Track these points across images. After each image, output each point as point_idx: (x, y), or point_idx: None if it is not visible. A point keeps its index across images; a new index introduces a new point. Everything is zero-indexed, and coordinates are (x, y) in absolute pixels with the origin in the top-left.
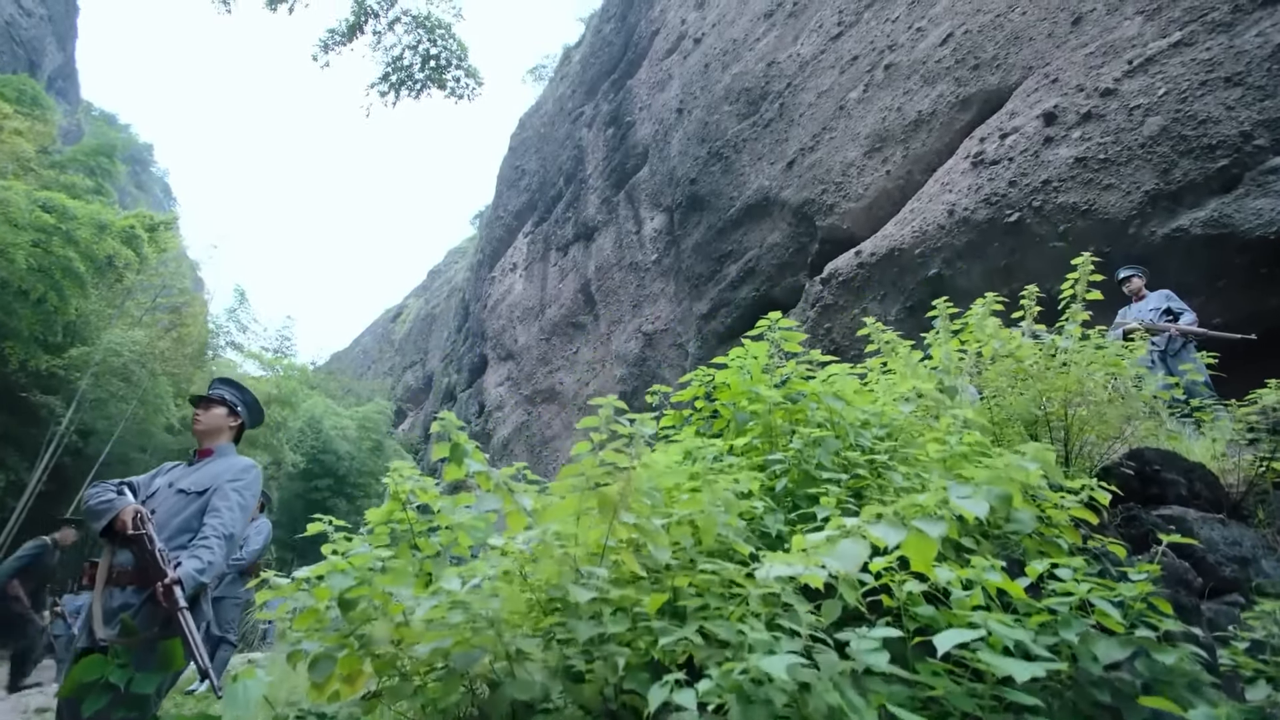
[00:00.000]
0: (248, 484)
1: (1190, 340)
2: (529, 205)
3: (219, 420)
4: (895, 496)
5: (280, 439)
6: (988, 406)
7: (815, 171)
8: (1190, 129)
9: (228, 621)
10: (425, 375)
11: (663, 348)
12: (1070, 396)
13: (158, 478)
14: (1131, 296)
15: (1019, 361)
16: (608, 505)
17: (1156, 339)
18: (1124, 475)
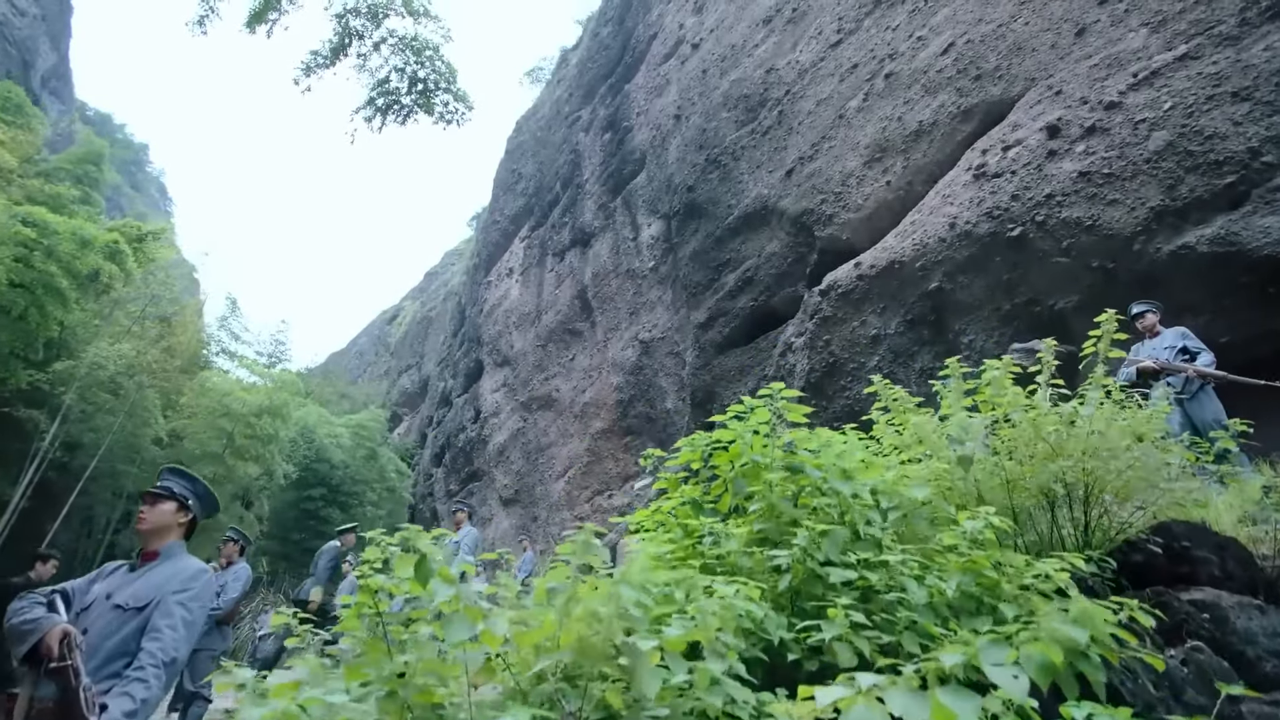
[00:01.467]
0: (195, 594)
1: (1208, 382)
2: (525, 209)
3: (166, 517)
4: (910, 611)
5: (272, 451)
6: (1001, 468)
7: (814, 181)
8: (1196, 144)
9: (202, 676)
10: (421, 379)
11: (660, 356)
12: (1092, 468)
13: (96, 583)
14: (1145, 333)
15: (1037, 431)
16: (589, 651)
17: (1173, 380)
18: (1150, 551)
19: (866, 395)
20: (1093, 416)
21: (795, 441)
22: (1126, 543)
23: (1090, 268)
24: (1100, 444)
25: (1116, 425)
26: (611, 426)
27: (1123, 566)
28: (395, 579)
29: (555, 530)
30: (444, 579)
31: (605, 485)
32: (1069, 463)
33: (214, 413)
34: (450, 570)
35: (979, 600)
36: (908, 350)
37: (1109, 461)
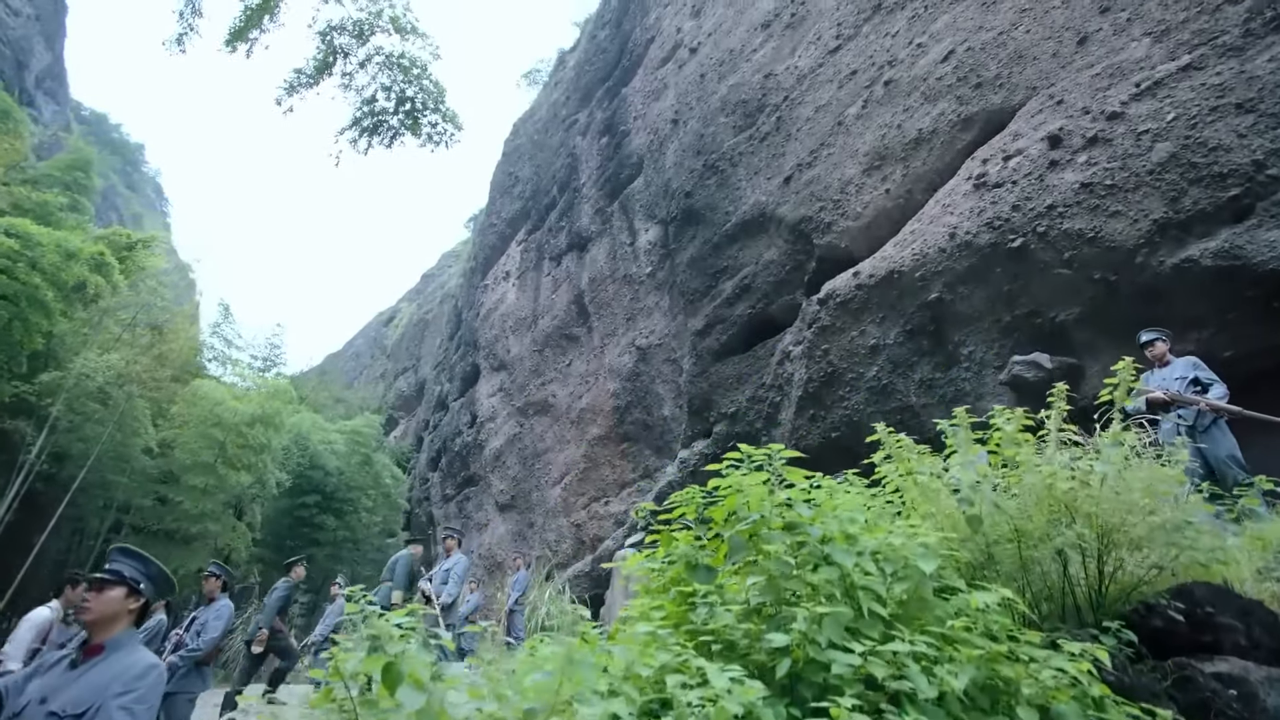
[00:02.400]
0: (141, 696)
1: (1221, 416)
2: (522, 213)
3: (114, 605)
4: (919, 714)
5: (264, 459)
6: (1012, 526)
7: (813, 188)
8: (1200, 156)
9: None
10: (418, 382)
11: (656, 363)
12: (1108, 524)
13: (33, 680)
14: (1154, 362)
15: (1051, 491)
16: None
17: (1183, 412)
18: (1170, 618)
19: (865, 405)
20: (1110, 475)
21: (794, 498)
22: (1145, 605)
23: (1092, 280)
24: (1118, 503)
25: (1135, 479)
26: (608, 433)
27: (1141, 632)
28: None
29: (551, 537)
30: (415, 684)
31: (602, 492)
32: (1084, 529)
33: (205, 422)
34: (422, 669)
35: (993, 695)
36: (907, 361)
37: (1126, 517)
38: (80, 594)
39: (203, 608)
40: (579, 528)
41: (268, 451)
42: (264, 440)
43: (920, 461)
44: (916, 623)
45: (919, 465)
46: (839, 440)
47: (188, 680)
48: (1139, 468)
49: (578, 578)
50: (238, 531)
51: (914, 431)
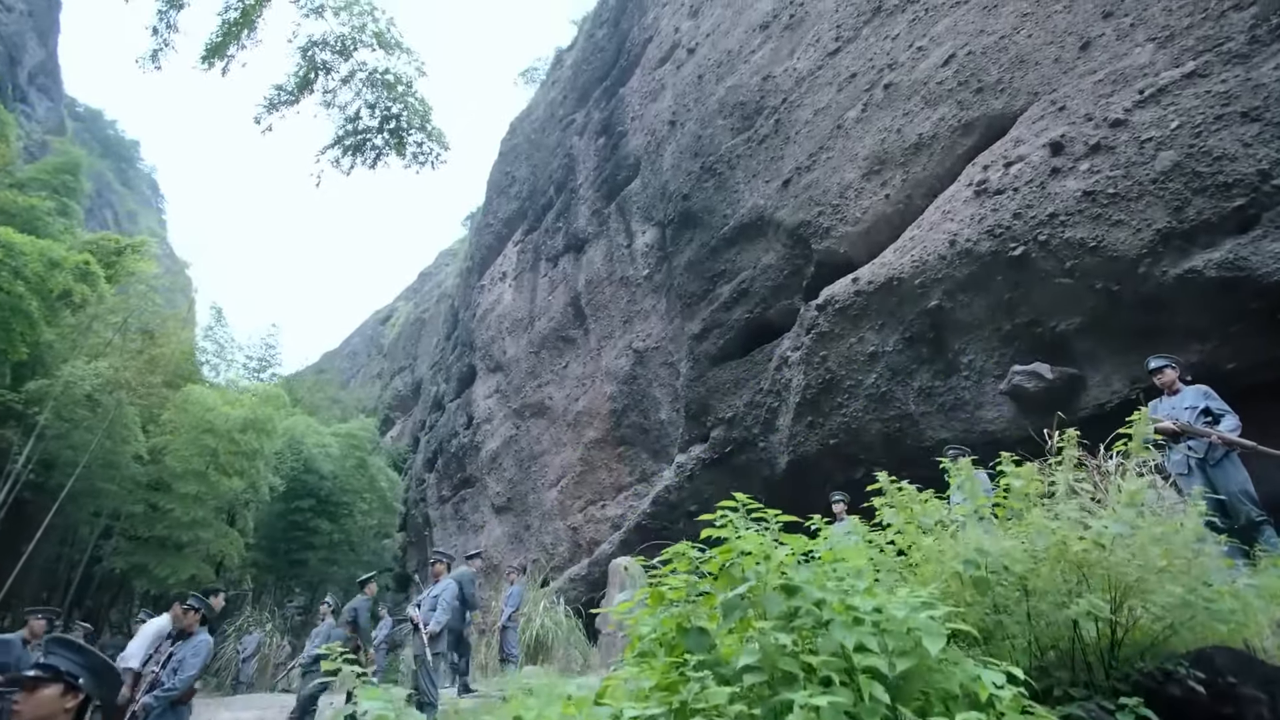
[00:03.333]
0: None
1: (1233, 449)
2: (519, 213)
3: (48, 706)
4: None
5: (257, 465)
6: (1022, 586)
7: (811, 192)
8: (1204, 165)
9: None
10: (414, 381)
11: (654, 366)
12: (1122, 583)
13: None
14: (1163, 389)
15: (1063, 553)
16: None
17: (1194, 444)
18: (1189, 687)
19: (864, 413)
20: (1125, 535)
21: (789, 561)
22: (1163, 672)
23: (1094, 289)
24: (1133, 565)
25: (1150, 539)
26: (605, 436)
27: (1158, 700)
28: None
29: (548, 540)
30: None
31: (598, 495)
32: (1098, 598)
33: (197, 428)
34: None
35: None
36: (906, 368)
37: (1143, 577)
38: (22, 696)
39: (180, 643)
40: (575, 531)
41: (260, 457)
42: (256, 446)
43: (924, 509)
44: (916, 703)
45: (922, 514)
46: (837, 447)
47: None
48: (1154, 523)
49: (574, 581)
50: (230, 538)
51: (912, 439)
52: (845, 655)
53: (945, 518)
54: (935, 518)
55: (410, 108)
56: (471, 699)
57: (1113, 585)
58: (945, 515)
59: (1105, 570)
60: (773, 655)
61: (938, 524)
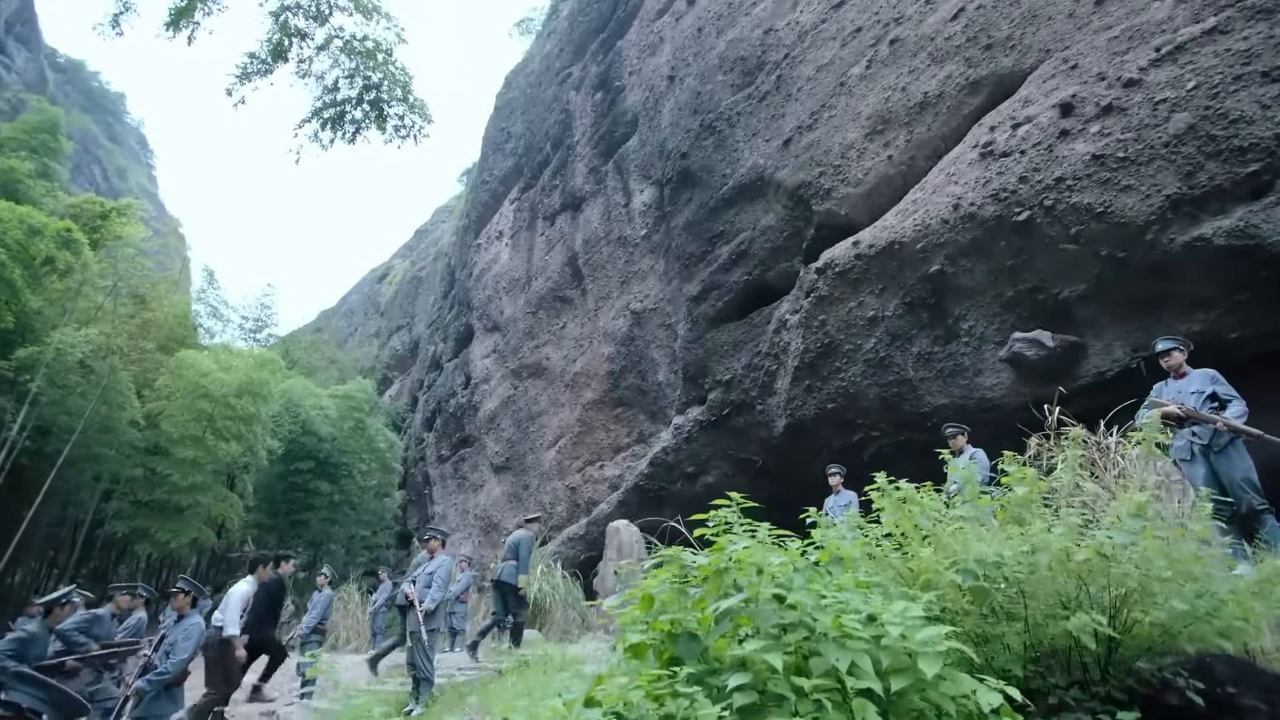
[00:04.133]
0: None
1: (1238, 436)
2: (515, 170)
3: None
4: None
5: (254, 430)
6: (1020, 587)
7: (813, 152)
8: (1220, 128)
9: None
10: (412, 340)
11: (651, 328)
12: (1125, 595)
13: None
14: (1169, 372)
15: (1064, 563)
16: None
17: (1199, 430)
18: (1188, 697)
19: (862, 378)
20: (1129, 547)
21: (784, 572)
22: (1161, 680)
23: (1099, 256)
24: (1137, 575)
25: (1155, 550)
26: (603, 397)
27: (1154, 708)
28: None
29: (546, 499)
30: None
31: (596, 456)
32: (1098, 614)
33: (192, 394)
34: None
35: None
36: (906, 333)
37: (1146, 586)
38: None
39: (171, 626)
40: (574, 491)
41: (257, 422)
42: (253, 411)
43: (922, 509)
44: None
45: (921, 513)
46: (835, 412)
47: (158, 704)
48: (1158, 530)
49: (572, 540)
50: (230, 501)
51: (910, 405)
52: (838, 677)
53: (944, 517)
54: (934, 517)
55: (390, 77)
56: (470, 670)
57: (1113, 595)
58: (943, 514)
59: (1106, 579)
60: (763, 675)
61: (937, 523)
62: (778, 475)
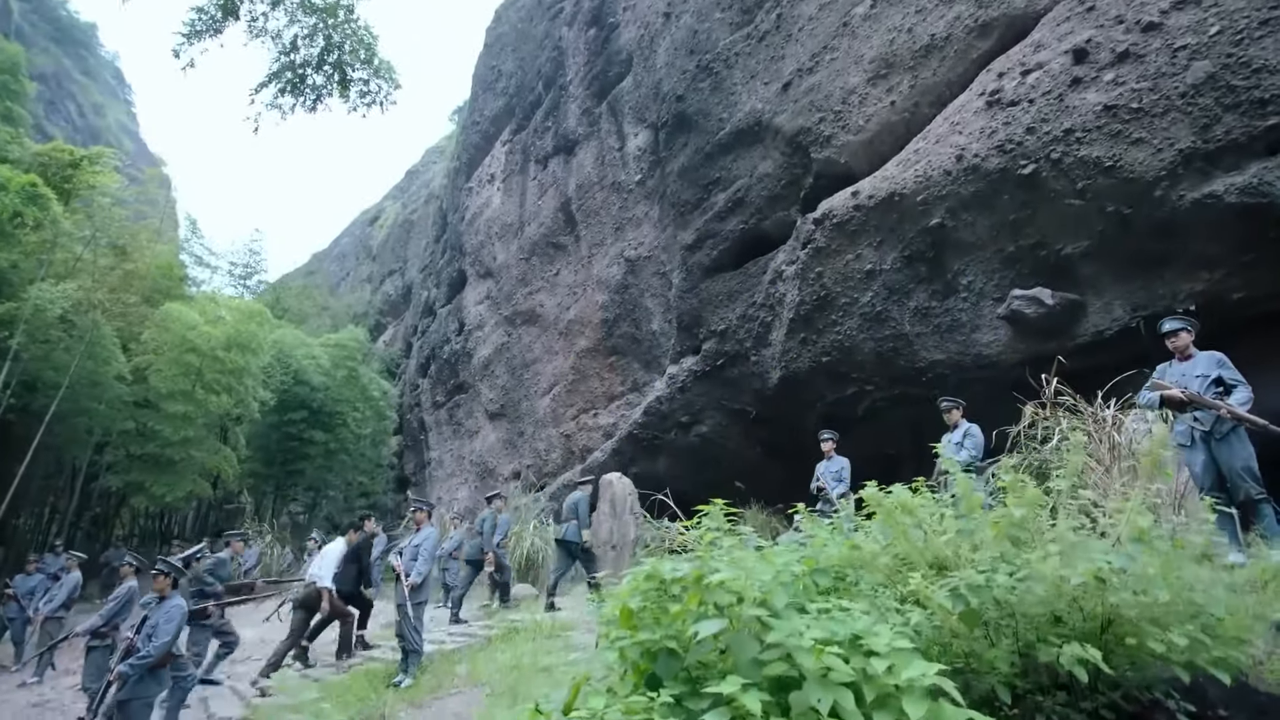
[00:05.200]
0: None
1: (1241, 424)
2: (506, 110)
3: None
4: None
5: (245, 383)
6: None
7: (813, 97)
8: (1241, 78)
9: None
10: (405, 285)
11: (645, 276)
12: (1121, 618)
13: None
14: (1175, 354)
15: (1059, 589)
16: None
17: (1201, 416)
18: (1178, 718)
19: (858, 331)
20: (1131, 571)
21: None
22: (1152, 700)
23: (1105, 212)
24: (1133, 602)
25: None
26: (597, 345)
27: None
28: None
29: (541, 446)
30: None
31: (590, 404)
32: (1091, 647)
33: (179, 348)
34: None
35: None
36: (903, 288)
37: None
38: None
39: (153, 606)
40: (568, 438)
41: (247, 374)
42: (242, 364)
43: (915, 519)
44: None
45: (913, 523)
46: (830, 365)
47: (142, 686)
48: (1158, 543)
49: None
50: (223, 454)
51: (906, 360)
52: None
53: (937, 527)
54: (928, 528)
55: (353, 36)
56: (461, 637)
57: (1107, 615)
58: (938, 524)
59: (1101, 604)
60: (741, 713)
61: (930, 535)
62: (772, 426)
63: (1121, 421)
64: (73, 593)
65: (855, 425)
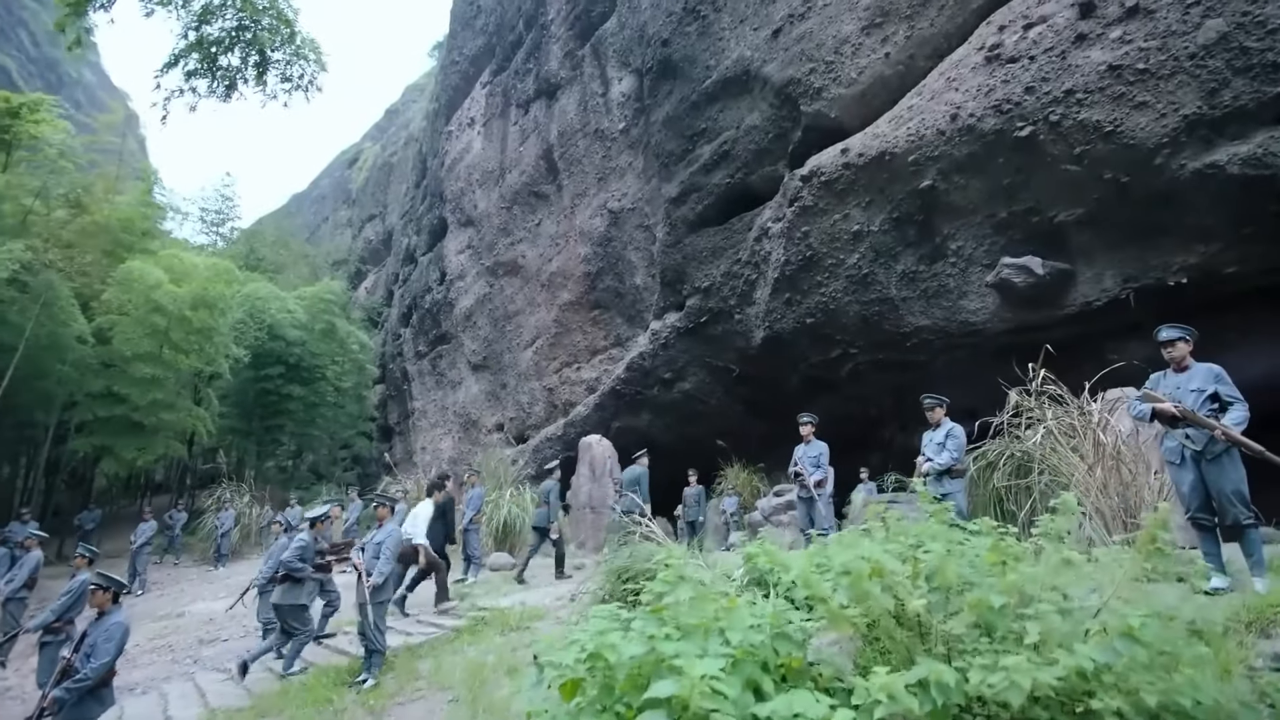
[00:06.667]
0: None
1: (1235, 447)
2: (486, 50)
3: None
4: None
5: (215, 343)
6: None
7: (804, 45)
8: (1255, 39)
9: None
10: (385, 231)
11: (629, 229)
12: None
13: None
14: (1170, 364)
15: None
16: None
17: (1193, 434)
18: None
19: (843, 294)
20: (1121, 673)
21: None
22: None
23: (1102, 179)
24: (1119, 696)
25: (1144, 676)
26: (579, 299)
27: None
28: None
29: (524, 399)
30: None
31: (573, 357)
32: None
33: (144, 308)
34: None
35: None
36: (891, 250)
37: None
38: None
39: (92, 624)
40: (551, 392)
41: (217, 334)
42: (211, 324)
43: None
44: None
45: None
46: (814, 327)
47: (82, 708)
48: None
49: (550, 440)
50: (196, 415)
51: (891, 324)
52: None
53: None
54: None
55: (271, 9)
56: (430, 628)
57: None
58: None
59: (1085, 705)
60: None
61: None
62: (754, 385)
63: (1108, 421)
64: (34, 572)
65: (839, 386)
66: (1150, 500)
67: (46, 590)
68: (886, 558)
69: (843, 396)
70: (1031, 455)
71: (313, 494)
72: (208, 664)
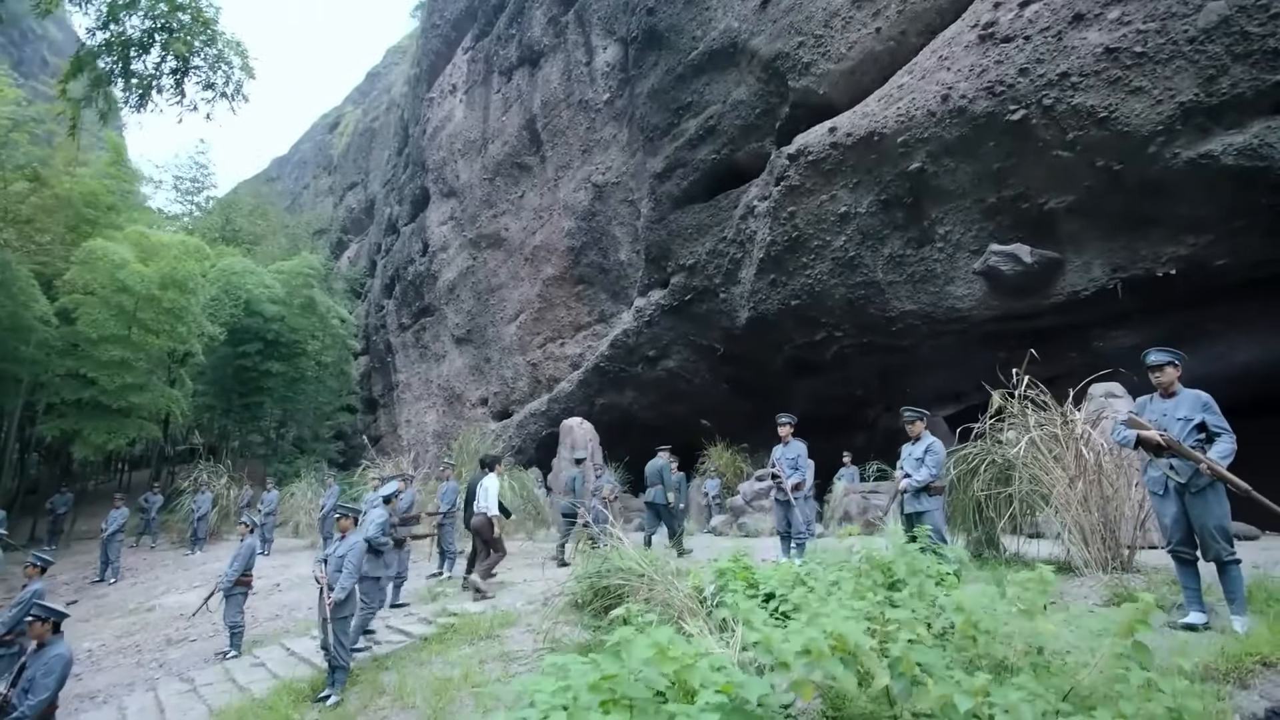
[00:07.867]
0: None
1: (1220, 481)
2: (468, 13)
3: None
4: None
5: (186, 323)
6: None
7: (793, 18)
8: (1257, 24)
9: None
10: (367, 199)
11: (613, 203)
12: None
13: None
14: (1158, 389)
15: None
16: None
17: (1177, 464)
18: None
19: (829, 276)
20: None
21: None
22: None
23: (1094, 166)
24: None
25: None
26: (563, 274)
27: None
28: None
29: (508, 374)
30: None
31: (557, 333)
32: None
33: (109, 288)
34: None
35: None
36: (878, 233)
37: None
38: None
39: (31, 656)
40: (535, 367)
41: (188, 314)
42: (182, 303)
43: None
44: None
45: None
46: (799, 309)
47: None
48: None
49: (534, 416)
50: (170, 396)
51: (876, 308)
52: None
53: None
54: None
55: (190, 8)
56: (398, 637)
57: None
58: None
59: None
60: None
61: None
62: (739, 365)
63: (1090, 435)
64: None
65: (824, 368)
66: (1131, 517)
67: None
68: (850, 628)
69: (828, 378)
70: (1013, 463)
71: (293, 469)
72: (173, 668)
